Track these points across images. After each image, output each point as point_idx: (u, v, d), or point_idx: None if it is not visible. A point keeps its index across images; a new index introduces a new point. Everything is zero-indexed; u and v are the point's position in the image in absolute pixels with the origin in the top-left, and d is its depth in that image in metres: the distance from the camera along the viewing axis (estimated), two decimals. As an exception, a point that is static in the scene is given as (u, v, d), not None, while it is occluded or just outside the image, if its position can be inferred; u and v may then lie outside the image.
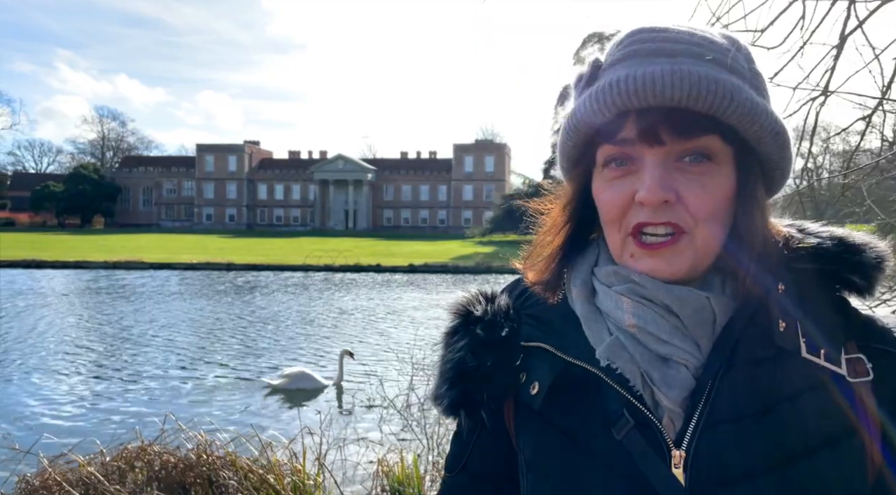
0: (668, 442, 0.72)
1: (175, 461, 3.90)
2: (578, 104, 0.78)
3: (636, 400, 0.74)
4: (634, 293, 0.76)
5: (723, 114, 0.72)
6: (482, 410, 0.83)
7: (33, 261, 32.28)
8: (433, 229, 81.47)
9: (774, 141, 0.76)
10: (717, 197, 0.74)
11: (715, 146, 0.74)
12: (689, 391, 0.73)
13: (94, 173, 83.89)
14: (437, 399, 0.86)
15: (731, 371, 0.73)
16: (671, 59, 0.73)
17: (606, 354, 0.76)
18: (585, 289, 0.82)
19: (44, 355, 11.64)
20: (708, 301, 0.74)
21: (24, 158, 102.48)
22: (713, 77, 0.71)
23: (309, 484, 4.12)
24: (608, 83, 0.74)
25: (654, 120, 0.72)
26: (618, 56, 0.77)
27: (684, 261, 0.74)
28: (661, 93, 0.70)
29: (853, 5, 2.71)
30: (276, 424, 7.21)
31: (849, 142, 7.31)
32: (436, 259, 36.66)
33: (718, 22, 3.05)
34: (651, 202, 0.73)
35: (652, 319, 0.75)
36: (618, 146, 0.75)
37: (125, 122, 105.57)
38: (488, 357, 0.83)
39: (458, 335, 0.87)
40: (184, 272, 30.68)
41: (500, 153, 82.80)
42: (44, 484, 3.81)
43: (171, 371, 10.56)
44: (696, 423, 0.71)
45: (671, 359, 0.74)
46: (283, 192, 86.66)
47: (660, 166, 0.73)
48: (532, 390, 0.81)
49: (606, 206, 0.78)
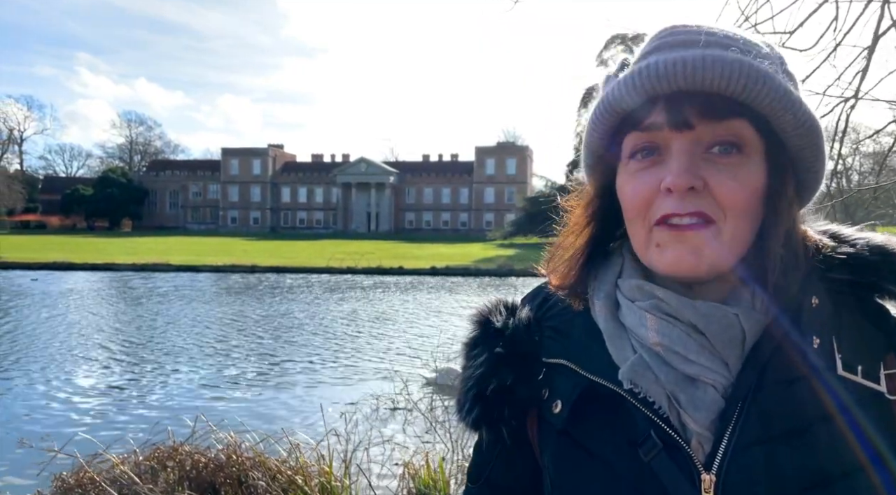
0: (697, 465, 0.69)
1: (206, 461, 3.96)
2: (607, 91, 0.75)
3: (663, 422, 0.71)
4: (658, 310, 0.73)
5: (755, 99, 0.69)
6: (503, 427, 0.82)
7: (63, 263, 32.97)
8: (455, 232, 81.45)
9: (807, 135, 0.73)
10: (747, 188, 0.71)
11: (745, 133, 0.71)
12: (717, 413, 0.70)
13: (122, 177, 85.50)
14: (460, 414, 0.85)
15: (761, 391, 0.70)
16: (702, 48, 0.71)
17: (630, 375, 0.73)
18: (609, 302, 0.79)
19: (75, 355, 11.88)
20: (736, 318, 0.71)
21: (54, 162, 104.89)
22: (745, 62, 0.69)
23: (336, 486, 4.15)
24: (637, 68, 0.72)
25: (683, 103, 0.70)
26: (647, 50, 0.75)
27: (710, 254, 0.70)
28: (692, 76, 0.68)
29: (887, 5, 2.67)
30: (303, 426, 7.28)
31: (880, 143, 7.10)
32: (457, 261, 36.66)
33: (747, 22, 3.04)
34: (678, 187, 0.69)
35: (677, 337, 0.72)
36: (645, 132, 0.73)
37: (152, 127, 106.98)
38: (509, 374, 0.81)
39: (479, 348, 0.84)
40: (209, 274, 31.09)
41: (521, 155, 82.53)
42: (79, 482, 3.89)
43: (202, 371, 10.72)
44: (725, 446, 0.69)
45: (698, 379, 0.71)
46: (307, 195, 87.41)
47: (687, 152, 0.70)
48: (555, 409, 0.79)
49: (631, 198, 0.74)
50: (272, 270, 32.87)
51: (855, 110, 2.91)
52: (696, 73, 0.68)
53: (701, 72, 0.68)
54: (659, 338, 0.73)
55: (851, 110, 2.76)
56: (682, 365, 0.72)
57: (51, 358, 11.67)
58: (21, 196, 78.94)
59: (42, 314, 17.09)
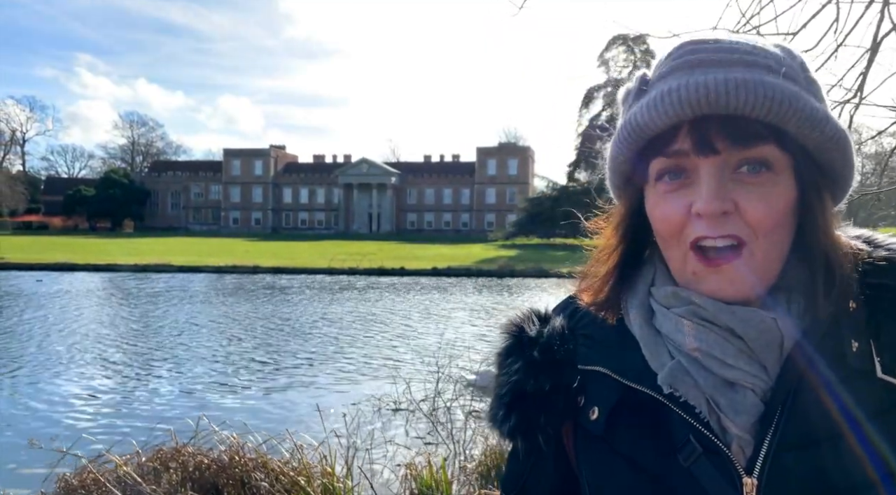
0: (738, 469, 0.70)
1: (209, 462, 3.97)
2: (630, 116, 0.75)
3: (703, 427, 0.71)
4: (695, 315, 0.73)
5: (781, 121, 0.69)
6: (539, 435, 0.82)
7: (66, 264, 33.02)
8: (456, 232, 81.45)
9: (836, 149, 0.73)
10: (778, 207, 0.71)
11: (773, 155, 0.71)
12: (757, 416, 0.70)
13: (124, 178, 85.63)
14: (494, 422, 0.85)
15: (801, 394, 0.70)
16: (724, 68, 0.70)
17: (669, 381, 0.73)
18: (643, 310, 0.80)
19: (77, 356, 11.90)
20: (774, 322, 0.71)
21: (56, 163, 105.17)
22: (769, 83, 0.68)
23: (338, 487, 4.16)
24: (660, 94, 0.71)
25: (709, 129, 0.70)
26: (666, 69, 0.75)
27: (747, 278, 0.71)
28: (716, 101, 0.68)
29: (887, 7, 2.68)
30: (306, 426, 7.29)
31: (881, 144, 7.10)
32: (459, 262, 36.65)
33: (748, 24, 3.04)
34: (709, 213, 0.69)
35: (715, 342, 0.72)
36: (671, 157, 0.73)
37: (154, 127, 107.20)
38: (545, 381, 0.82)
39: (513, 357, 0.85)
40: (211, 275, 31.13)
41: (523, 156, 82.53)
42: (82, 483, 3.91)
43: (204, 371, 10.73)
44: (766, 450, 0.69)
45: (737, 383, 0.71)
46: (308, 196, 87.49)
47: (716, 176, 0.70)
48: (592, 415, 0.80)
49: (662, 222, 0.75)
50: (274, 271, 32.87)
51: (857, 111, 2.91)
52: (720, 98, 0.68)
53: (724, 97, 0.68)
54: (697, 343, 0.73)
55: (855, 111, 2.76)
56: (720, 369, 0.72)
57: (53, 358, 11.69)
58: (23, 197, 79.12)
59: (42, 314, 17.11)
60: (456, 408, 6.34)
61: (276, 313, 18.10)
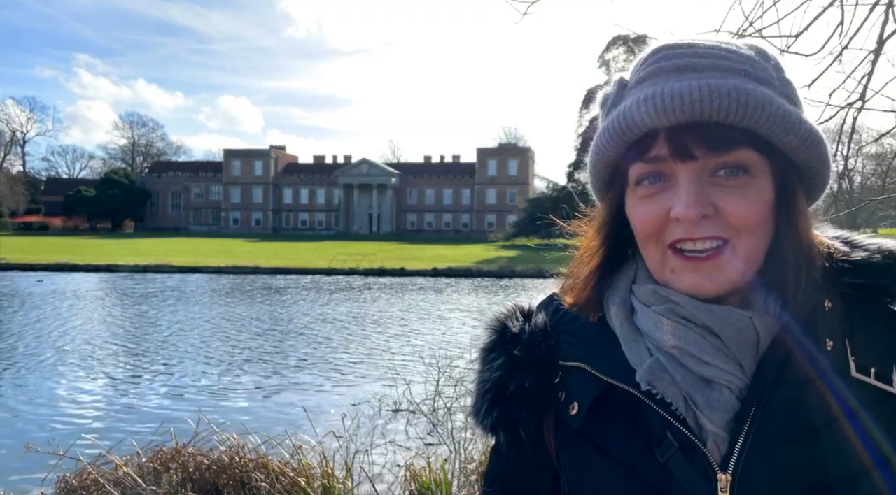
0: (713, 465, 0.71)
1: (208, 463, 3.97)
2: (607, 124, 0.77)
3: (679, 423, 0.73)
4: (674, 313, 0.75)
5: (755, 125, 0.70)
6: (521, 429, 0.83)
7: (66, 265, 33.01)
8: (456, 233, 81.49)
9: (811, 150, 0.74)
10: (758, 207, 0.72)
11: (750, 158, 0.72)
12: (733, 413, 0.72)
13: (124, 178, 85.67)
14: (476, 417, 0.86)
15: (776, 392, 0.71)
16: (698, 73, 0.71)
17: (647, 378, 0.75)
18: (624, 307, 0.81)
19: (77, 356, 11.89)
20: (751, 320, 0.73)
21: (57, 164, 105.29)
22: (742, 89, 0.70)
23: (338, 487, 4.15)
24: (636, 101, 0.73)
25: (685, 136, 0.71)
26: (642, 74, 0.76)
27: (727, 276, 0.72)
28: (691, 109, 0.69)
29: (892, 9, 2.67)
30: (305, 427, 7.28)
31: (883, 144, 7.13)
32: (459, 263, 36.65)
33: (751, 27, 3.03)
34: (688, 218, 0.71)
35: (693, 340, 0.73)
36: (650, 163, 0.74)
37: (154, 128, 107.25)
38: (527, 377, 0.83)
39: (496, 352, 0.86)
40: (211, 275, 31.11)
41: (523, 157, 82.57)
42: (82, 484, 3.90)
43: (203, 372, 10.72)
44: (741, 447, 0.70)
45: (714, 380, 0.73)
46: (308, 197, 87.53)
47: (694, 182, 0.72)
48: (571, 410, 0.81)
49: (642, 224, 0.76)
50: (274, 271, 32.86)
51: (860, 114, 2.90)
52: (696, 106, 0.69)
53: (699, 105, 0.69)
54: (675, 340, 0.74)
55: (858, 113, 2.76)
56: (697, 367, 0.73)
57: (53, 359, 11.69)
58: (24, 197, 79.11)
59: (42, 315, 17.11)
60: (456, 409, 6.33)
61: (276, 313, 18.10)
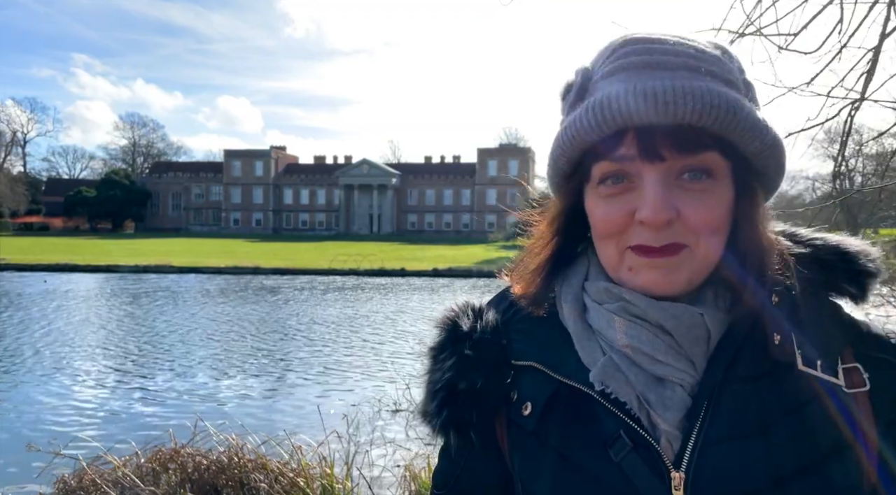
0: (667, 464, 0.70)
1: (207, 463, 3.96)
2: (573, 119, 0.74)
3: (633, 423, 0.72)
4: (626, 312, 0.74)
5: (725, 130, 0.70)
6: (471, 430, 0.82)
7: (66, 265, 33.03)
8: (457, 233, 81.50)
9: (773, 156, 0.75)
10: (718, 212, 0.72)
11: (715, 162, 0.71)
12: (685, 411, 0.71)
13: (125, 179, 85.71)
14: (425, 417, 0.84)
15: (727, 388, 0.71)
16: (670, 72, 0.70)
17: (601, 377, 0.74)
18: (577, 305, 0.80)
19: (77, 357, 11.89)
20: (702, 317, 0.72)
21: (57, 164, 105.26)
22: (716, 92, 0.69)
23: (337, 488, 4.15)
24: (606, 98, 0.70)
25: (655, 137, 0.70)
26: (610, 67, 0.73)
27: (683, 276, 0.72)
28: (664, 110, 0.68)
29: (893, 7, 2.66)
30: (305, 427, 7.28)
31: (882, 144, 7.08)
32: (460, 263, 36.64)
33: (752, 25, 3.02)
34: (654, 223, 0.70)
35: (646, 339, 0.73)
36: (616, 162, 0.73)
37: (154, 129, 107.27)
38: (478, 377, 0.81)
39: (446, 352, 0.84)
40: (211, 275, 31.11)
41: (524, 157, 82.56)
42: (81, 484, 3.89)
43: (202, 373, 10.72)
44: (693, 444, 0.70)
45: (666, 379, 0.72)
46: (309, 197, 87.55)
47: (660, 184, 0.70)
48: (524, 411, 0.79)
49: (603, 224, 0.75)
50: (274, 272, 32.87)
51: (859, 112, 2.89)
52: (668, 108, 0.68)
53: (673, 106, 0.68)
54: (627, 339, 0.74)
55: (856, 112, 2.75)
56: (650, 365, 0.73)
57: (52, 359, 11.69)
58: (24, 198, 79.11)
59: (41, 315, 17.11)
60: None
61: (275, 314, 18.10)
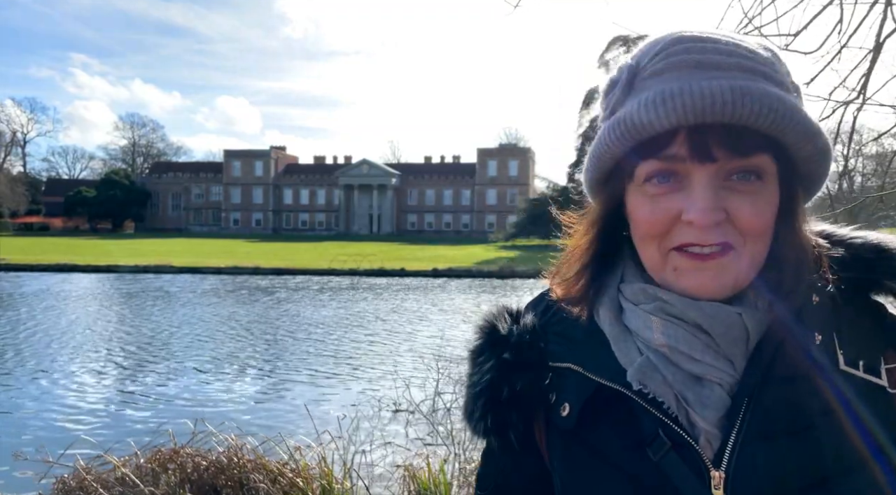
0: (706, 463, 0.70)
1: (207, 464, 3.96)
2: (625, 114, 0.72)
3: (672, 422, 0.73)
4: (663, 312, 0.74)
5: (781, 132, 0.69)
6: (512, 432, 0.83)
7: (66, 265, 33.02)
8: (457, 233, 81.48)
9: (822, 160, 0.74)
10: (766, 214, 0.72)
11: (765, 164, 0.71)
12: (724, 410, 0.71)
13: (124, 179, 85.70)
14: (469, 420, 0.86)
15: (766, 388, 0.71)
16: (724, 72, 0.69)
17: (638, 377, 0.74)
18: (613, 307, 0.80)
19: (76, 357, 11.89)
20: (740, 317, 0.72)
21: (57, 165, 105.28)
22: (773, 94, 0.68)
23: (337, 488, 4.15)
24: (660, 95, 0.69)
25: (709, 137, 0.69)
26: (660, 65, 0.73)
27: (729, 279, 0.72)
28: (721, 110, 0.67)
29: (891, 7, 2.66)
30: (304, 428, 7.28)
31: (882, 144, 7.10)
32: (460, 263, 36.64)
33: (750, 24, 3.02)
34: (703, 224, 0.69)
35: (683, 338, 0.73)
36: (666, 162, 0.72)
37: (154, 129, 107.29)
38: (517, 380, 0.82)
39: (485, 355, 0.85)
40: (211, 276, 31.10)
41: (523, 157, 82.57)
42: (80, 485, 3.89)
43: (202, 373, 10.71)
44: (733, 443, 0.70)
45: (705, 378, 0.72)
46: (308, 197, 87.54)
47: (711, 185, 0.70)
48: (563, 412, 0.80)
49: (647, 224, 0.74)
50: (274, 272, 32.86)
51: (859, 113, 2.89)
52: (726, 107, 0.67)
53: (731, 106, 0.67)
54: (665, 339, 0.74)
55: (858, 112, 2.75)
56: (688, 364, 0.73)
57: (51, 360, 11.68)
58: (24, 198, 79.13)
59: (40, 316, 17.11)
60: (456, 409, 6.32)
61: (274, 314, 18.09)
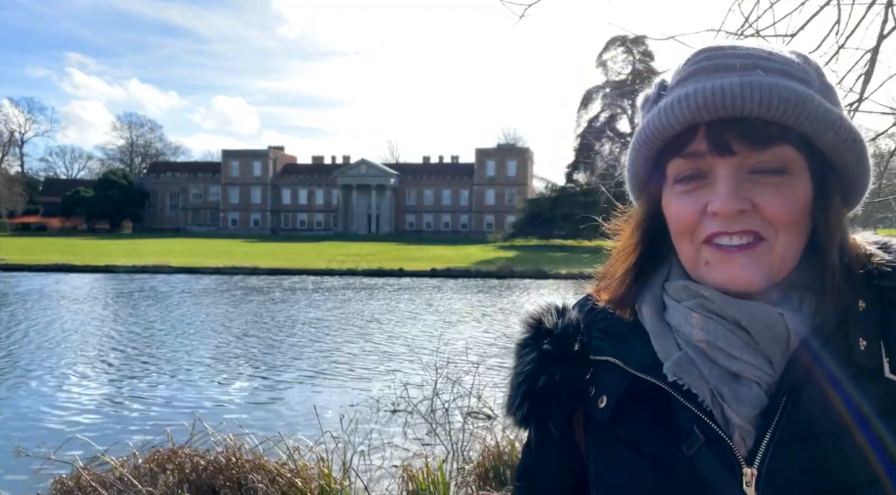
0: (739, 459, 0.71)
1: (205, 464, 3.96)
2: (647, 119, 0.77)
3: (706, 417, 0.73)
4: (703, 308, 0.75)
5: (794, 122, 0.71)
6: (550, 423, 0.85)
7: (64, 265, 32.98)
8: (455, 233, 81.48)
9: (851, 150, 0.75)
10: (795, 205, 0.73)
11: (788, 156, 0.72)
12: (760, 408, 0.72)
13: (122, 179, 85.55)
14: (509, 410, 0.88)
15: (804, 389, 0.71)
16: (740, 72, 0.72)
17: (674, 370, 0.75)
18: (656, 303, 0.82)
19: (74, 358, 11.87)
20: (781, 317, 0.72)
21: (55, 164, 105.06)
22: (783, 85, 0.70)
23: (335, 488, 4.15)
24: (676, 98, 0.74)
25: (725, 131, 0.72)
26: (684, 74, 0.77)
27: (760, 272, 0.72)
28: (731, 103, 0.70)
29: (891, 8, 2.67)
30: (303, 428, 7.27)
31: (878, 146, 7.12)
32: (458, 263, 36.66)
33: (750, 27, 3.03)
34: (724, 213, 0.71)
35: (722, 335, 0.74)
36: (688, 159, 0.75)
37: (152, 129, 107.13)
38: (556, 371, 0.85)
39: (529, 347, 0.88)
40: (210, 276, 31.08)
41: (522, 157, 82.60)
42: (78, 485, 3.89)
43: (200, 373, 10.70)
44: (768, 441, 0.70)
45: (742, 375, 0.73)
46: (307, 197, 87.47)
47: (732, 176, 0.72)
48: (600, 404, 0.82)
49: (677, 218, 0.77)
50: (273, 272, 32.85)
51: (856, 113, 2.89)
52: (736, 101, 0.70)
53: (740, 100, 0.70)
54: (704, 334, 0.75)
55: (854, 113, 2.75)
56: (725, 361, 0.74)
57: (50, 360, 11.66)
58: (22, 198, 78.99)
59: (39, 316, 17.08)
60: (454, 409, 6.33)
61: (273, 314, 18.08)
